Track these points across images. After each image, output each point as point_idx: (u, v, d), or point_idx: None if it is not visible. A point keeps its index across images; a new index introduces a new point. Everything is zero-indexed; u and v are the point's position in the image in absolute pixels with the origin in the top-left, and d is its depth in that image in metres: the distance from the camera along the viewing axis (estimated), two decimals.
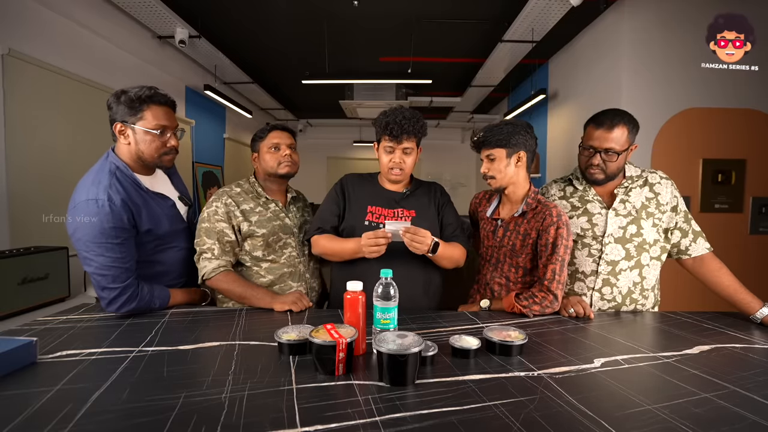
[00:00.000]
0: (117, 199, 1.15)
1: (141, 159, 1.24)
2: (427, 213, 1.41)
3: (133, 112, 1.20)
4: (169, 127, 1.25)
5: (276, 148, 1.44)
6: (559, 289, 1.23)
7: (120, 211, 1.15)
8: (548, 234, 1.25)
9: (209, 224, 1.34)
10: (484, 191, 1.55)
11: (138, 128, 1.21)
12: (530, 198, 1.33)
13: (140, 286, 1.20)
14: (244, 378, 0.79)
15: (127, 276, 1.16)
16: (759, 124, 2.79)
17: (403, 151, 1.34)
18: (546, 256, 1.26)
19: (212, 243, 1.33)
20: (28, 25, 2.25)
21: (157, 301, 1.24)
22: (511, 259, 1.34)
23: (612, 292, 1.35)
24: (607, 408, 0.69)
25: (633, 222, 1.34)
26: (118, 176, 1.20)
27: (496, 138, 1.29)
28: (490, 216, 1.43)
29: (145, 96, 1.21)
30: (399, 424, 0.64)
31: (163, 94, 1.25)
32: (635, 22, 2.82)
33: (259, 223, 1.39)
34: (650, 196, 1.36)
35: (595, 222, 1.37)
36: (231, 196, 1.40)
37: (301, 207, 1.59)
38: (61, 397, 0.71)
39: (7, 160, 2.08)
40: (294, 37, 3.71)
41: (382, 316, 0.92)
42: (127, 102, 1.20)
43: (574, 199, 1.44)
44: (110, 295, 1.15)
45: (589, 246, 1.37)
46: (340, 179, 1.50)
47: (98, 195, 1.13)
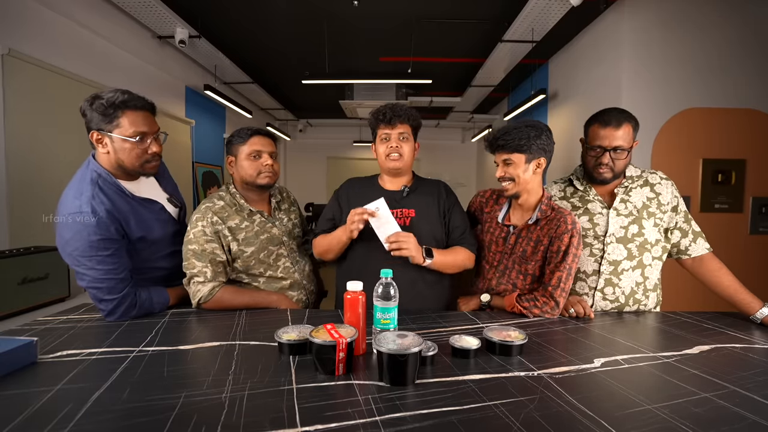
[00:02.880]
0: (101, 210, 1.10)
1: (121, 167, 1.18)
2: (428, 212, 1.36)
3: (108, 119, 1.12)
4: (148, 132, 1.17)
5: (256, 155, 1.33)
6: (561, 297, 1.22)
7: (106, 222, 1.11)
8: (561, 241, 1.23)
9: (197, 246, 1.25)
10: (491, 189, 1.49)
11: (115, 136, 1.13)
12: (544, 205, 1.29)
13: (138, 294, 1.17)
14: (244, 378, 0.79)
15: (123, 286, 1.14)
16: (759, 124, 2.79)
17: (399, 136, 1.33)
18: (555, 263, 1.23)
19: (203, 266, 1.25)
20: (28, 25, 2.25)
21: (158, 306, 1.23)
22: (520, 266, 1.30)
23: (614, 292, 1.34)
24: (607, 408, 0.69)
25: (634, 222, 1.34)
26: (101, 185, 1.15)
27: (516, 143, 1.23)
28: (502, 221, 1.38)
29: (119, 101, 1.12)
30: (399, 424, 0.64)
31: (138, 98, 1.17)
32: (635, 22, 2.82)
33: (247, 241, 1.32)
34: (651, 196, 1.36)
35: (596, 222, 1.36)
36: (215, 212, 1.30)
37: (287, 209, 1.50)
38: (61, 397, 0.71)
39: (7, 160, 2.09)
40: (294, 37, 3.71)
41: (382, 316, 0.92)
42: (101, 109, 1.11)
43: (575, 199, 1.43)
44: (108, 306, 1.13)
45: (591, 246, 1.36)
46: (341, 185, 1.49)
47: (81, 208, 1.09)
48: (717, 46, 2.78)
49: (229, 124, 5.29)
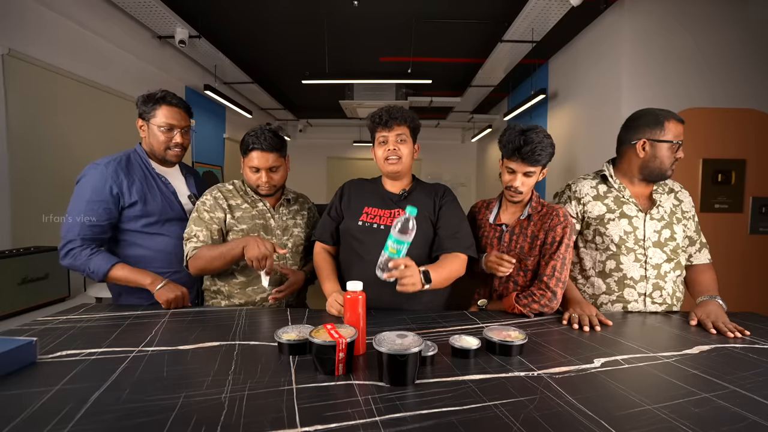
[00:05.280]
0: (111, 167, 1.32)
1: (152, 151, 1.43)
2: (423, 214, 1.32)
3: (149, 109, 1.39)
4: (176, 125, 1.41)
5: (256, 170, 1.39)
6: (558, 286, 1.23)
7: (106, 176, 1.31)
8: (555, 232, 1.26)
9: (197, 214, 1.39)
10: (482, 201, 1.52)
11: (151, 124, 1.39)
12: (534, 201, 1.34)
13: (82, 248, 1.29)
14: (244, 378, 0.79)
15: (77, 232, 1.28)
16: (759, 124, 2.79)
17: (396, 137, 1.31)
18: (549, 253, 1.26)
19: (199, 230, 1.36)
20: (29, 25, 2.25)
21: (92, 267, 1.28)
22: (519, 263, 1.32)
23: (662, 295, 1.34)
24: (607, 408, 0.69)
25: (667, 226, 1.34)
26: (131, 156, 1.41)
27: (544, 160, 1.26)
28: (493, 222, 1.40)
29: (159, 97, 1.39)
30: (399, 424, 0.64)
31: (176, 97, 1.43)
32: (635, 22, 2.82)
33: (242, 219, 1.41)
34: (675, 203, 1.38)
35: (635, 225, 1.35)
36: (221, 191, 1.44)
37: (295, 210, 1.53)
38: (61, 397, 0.71)
39: (8, 160, 2.09)
40: (294, 37, 3.71)
41: (393, 245, 0.97)
42: (146, 101, 1.39)
43: (609, 200, 1.39)
44: (60, 244, 1.30)
45: (634, 251, 1.34)
46: (344, 183, 1.49)
47: (102, 161, 1.34)
48: (717, 46, 2.78)
49: (229, 124, 5.29)
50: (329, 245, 1.41)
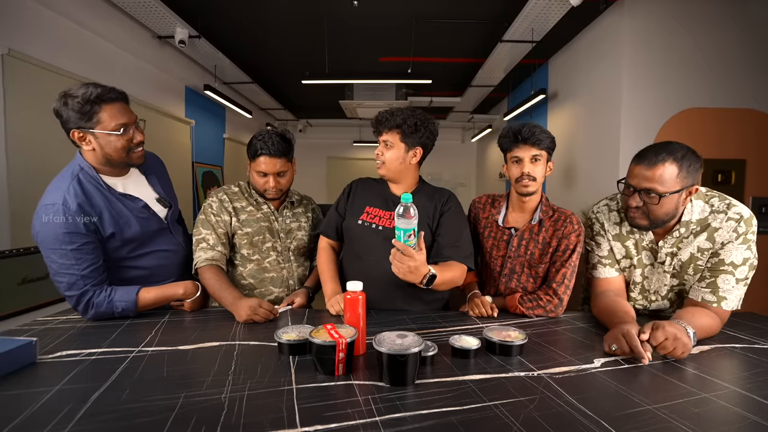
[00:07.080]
0: (72, 203, 1.10)
1: (110, 162, 1.18)
2: (423, 216, 1.29)
3: (87, 116, 1.11)
4: (129, 123, 1.17)
5: (263, 174, 1.37)
6: (566, 294, 1.23)
7: (74, 216, 1.09)
8: (568, 240, 1.25)
9: (204, 216, 1.38)
10: (486, 195, 1.47)
11: (98, 132, 1.13)
12: (544, 205, 1.30)
13: (95, 294, 1.13)
14: (244, 378, 0.79)
15: (83, 284, 1.11)
16: (759, 124, 2.79)
17: (383, 144, 1.32)
18: (561, 261, 1.25)
19: (208, 233, 1.35)
20: (28, 25, 2.25)
21: (120, 306, 1.15)
22: (529, 269, 1.30)
23: None
24: (607, 408, 0.69)
25: (675, 276, 1.19)
26: (81, 178, 1.15)
27: (546, 141, 1.22)
28: (502, 224, 1.36)
29: (95, 96, 1.11)
30: (399, 424, 0.64)
31: (111, 89, 1.15)
32: (635, 22, 2.82)
33: (246, 222, 1.41)
34: (705, 246, 1.10)
35: (646, 275, 1.23)
36: (226, 193, 1.44)
37: (300, 213, 1.53)
38: (61, 397, 0.71)
39: (7, 160, 2.08)
40: (294, 37, 3.71)
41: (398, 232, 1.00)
42: (77, 107, 1.10)
43: (630, 243, 1.22)
44: (71, 302, 1.14)
45: (636, 300, 1.27)
46: (352, 180, 1.48)
47: (55, 200, 1.10)
48: (717, 46, 2.78)
49: (229, 124, 5.28)
50: (333, 240, 1.42)
